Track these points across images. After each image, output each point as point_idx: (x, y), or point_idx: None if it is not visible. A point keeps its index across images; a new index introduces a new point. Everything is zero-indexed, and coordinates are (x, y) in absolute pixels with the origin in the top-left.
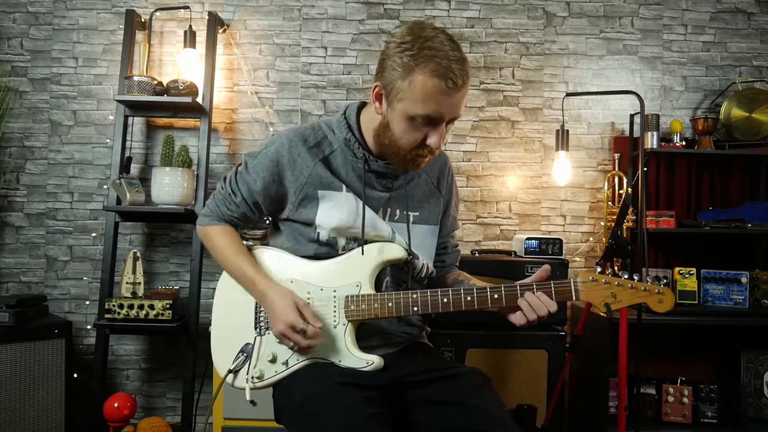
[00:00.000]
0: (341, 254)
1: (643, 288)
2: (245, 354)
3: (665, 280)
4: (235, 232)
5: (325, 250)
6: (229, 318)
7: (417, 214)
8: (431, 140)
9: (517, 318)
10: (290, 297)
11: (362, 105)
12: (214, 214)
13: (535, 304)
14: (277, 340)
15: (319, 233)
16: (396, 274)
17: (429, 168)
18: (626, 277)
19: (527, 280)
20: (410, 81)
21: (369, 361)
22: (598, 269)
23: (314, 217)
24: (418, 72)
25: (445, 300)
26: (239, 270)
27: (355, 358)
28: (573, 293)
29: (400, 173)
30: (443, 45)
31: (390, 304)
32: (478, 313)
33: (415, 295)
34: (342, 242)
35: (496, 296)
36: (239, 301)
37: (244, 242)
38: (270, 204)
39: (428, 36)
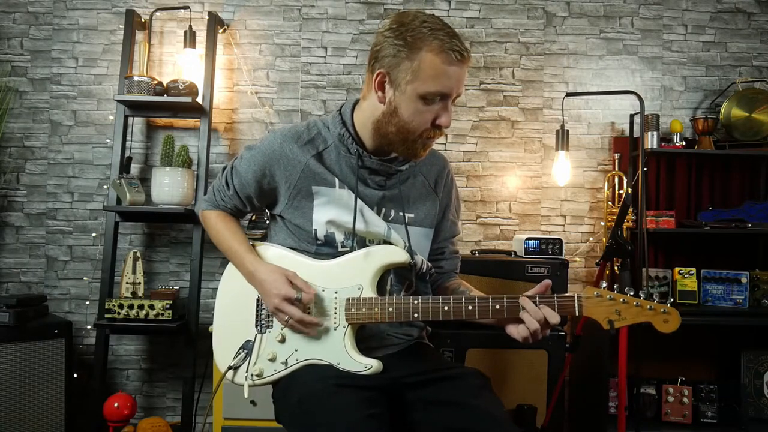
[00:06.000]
0: (342, 252)
1: (648, 306)
2: (246, 351)
3: (665, 280)
4: (230, 216)
5: (326, 249)
6: (231, 314)
7: (412, 215)
8: (442, 119)
9: (519, 331)
10: (279, 270)
11: (357, 102)
12: (211, 202)
13: (533, 311)
14: (278, 338)
15: (316, 230)
16: (399, 273)
17: (426, 170)
18: (631, 294)
19: (529, 293)
20: (419, 60)
21: (367, 366)
22: (599, 270)
23: (310, 212)
24: (426, 50)
25: (446, 308)
26: (231, 249)
27: (353, 361)
28: (576, 308)
29: (394, 171)
30: (438, 23)
31: (390, 309)
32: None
33: (416, 302)
34: (340, 237)
35: (497, 307)
36: (241, 299)
37: None
38: (262, 198)
39: (422, 18)
